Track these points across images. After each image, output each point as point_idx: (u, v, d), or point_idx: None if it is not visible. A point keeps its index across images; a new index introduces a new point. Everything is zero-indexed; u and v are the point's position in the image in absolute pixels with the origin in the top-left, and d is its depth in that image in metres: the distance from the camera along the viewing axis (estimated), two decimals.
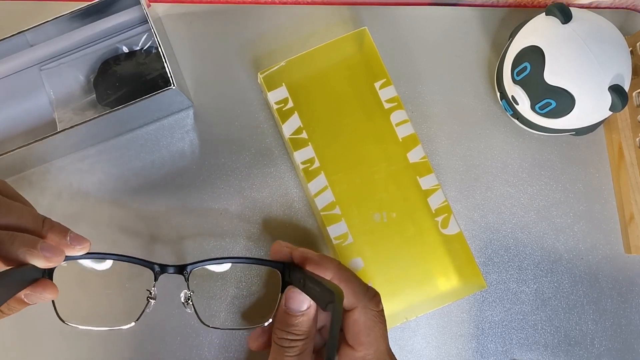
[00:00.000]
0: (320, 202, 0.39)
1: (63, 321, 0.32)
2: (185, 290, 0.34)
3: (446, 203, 0.39)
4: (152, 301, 0.34)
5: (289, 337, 0.31)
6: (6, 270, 0.26)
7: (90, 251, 0.31)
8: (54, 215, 0.41)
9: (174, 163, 0.42)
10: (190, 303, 0.34)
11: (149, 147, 0.42)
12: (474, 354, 0.42)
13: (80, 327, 0.33)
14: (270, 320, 0.34)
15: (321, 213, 0.39)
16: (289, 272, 0.34)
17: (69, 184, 0.42)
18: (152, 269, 0.34)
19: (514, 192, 0.43)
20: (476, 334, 0.42)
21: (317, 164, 0.39)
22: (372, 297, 0.32)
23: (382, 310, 0.32)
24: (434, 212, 0.39)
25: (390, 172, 0.39)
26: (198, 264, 0.34)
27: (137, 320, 0.34)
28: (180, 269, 0.34)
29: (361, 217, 0.39)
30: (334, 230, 0.39)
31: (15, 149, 0.36)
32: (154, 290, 0.34)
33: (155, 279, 0.34)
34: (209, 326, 0.35)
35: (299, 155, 0.39)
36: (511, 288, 0.42)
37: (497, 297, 0.42)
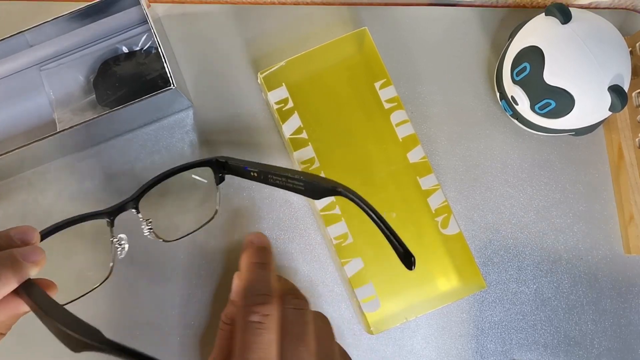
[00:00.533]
0: (320, 202, 0.39)
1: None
2: (142, 223, 0.35)
3: (446, 203, 0.39)
4: (121, 247, 0.35)
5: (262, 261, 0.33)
6: None
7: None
8: (54, 215, 0.41)
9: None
10: (152, 230, 0.36)
11: (149, 147, 0.42)
12: (473, 354, 0.42)
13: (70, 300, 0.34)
14: (217, 209, 0.37)
15: (321, 213, 0.39)
16: (222, 165, 0.36)
17: (69, 184, 0.42)
18: (104, 217, 0.34)
19: (514, 192, 0.43)
20: (476, 334, 0.42)
21: (317, 163, 0.39)
22: (257, 303, 0.28)
23: (269, 321, 0.28)
24: (433, 212, 0.39)
25: (390, 172, 0.39)
26: (139, 195, 0.35)
27: (111, 270, 0.35)
28: (124, 207, 0.35)
29: (361, 217, 0.39)
30: (334, 230, 0.39)
31: (15, 149, 0.36)
32: (117, 237, 0.35)
33: (112, 225, 0.34)
34: (171, 240, 0.37)
35: (299, 155, 0.39)
36: (511, 288, 0.42)
37: (496, 297, 0.42)
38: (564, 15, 0.36)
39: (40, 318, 0.25)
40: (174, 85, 0.37)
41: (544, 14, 0.38)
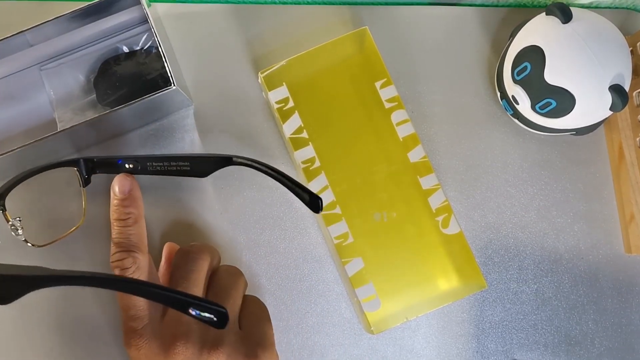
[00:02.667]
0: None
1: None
2: (10, 221, 0.35)
3: (446, 203, 0.39)
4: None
5: (122, 217, 0.35)
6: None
7: None
8: (55, 215, 0.41)
9: None
10: (21, 230, 0.35)
11: (149, 147, 0.42)
12: (474, 353, 0.42)
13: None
14: (83, 218, 0.36)
15: (321, 213, 0.39)
16: (91, 165, 0.35)
17: (70, 184, 0.42)
18: None
19: (514, 191, 0.43)
20: (476, 333, 0.42)
21: (317, 163, 0.39)
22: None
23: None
24: (434, 211, 0.39)
25: (391, 171, 0.39)
26: (4, 192, 0.34)
27: None
28: None
29: (361, 216, 0.39)
30: (334, 230, 0.39)
31: (15, 149, 0.36)
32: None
33: None
34: (41, 245, 0.36)
35: (300, 155, 0.39)
36: (511, 288, 0.42)
37: (497, 297, 0.42)
38: (565, 15, 0.36)
39: None
40: (174, 85, 0.37)
41: (544, 13, 0.38)
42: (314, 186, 0.39)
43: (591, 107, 0.37)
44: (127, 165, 0.35)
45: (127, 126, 0.42)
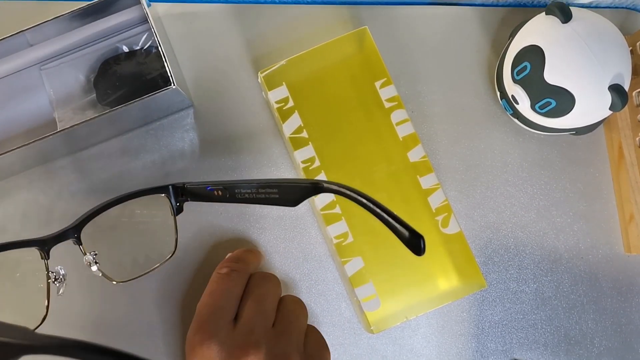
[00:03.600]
0: (320, 201, 0.39)
1: None
2: (85, 255, 0.31)
3: (446, 202, 0.39)
4: (60, 284, 0.31)
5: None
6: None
7: None
8: (55, 215, 0.41)
9: (174, 163, 0.42)
10: (97, 265, 0.31)
11: (149, 147, 0.42)
12: (474, 353, 0.42)
13: None
14: (174, 250, 0.33)
15: (321, 212, 0.39)
16: (180, 191, 0.32)
17: (70, 184, 0.42)
18: (36, 246, 0.30)
19: (514, 191, 0.43)
20: (476, 333, 0.42)
21: (317, 163, 0.39)
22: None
23: None
24: (434, 211, 0.39)
25: (391, 171, 0.39)
26: (80, 224, 0.31)
27: (46, 311, 0.30)
28: (64, 235, 0.30)
29: (361, 216, 0.39)
30: (334, 230, 0.39)
31: (15, 149, 0.36)
32: (53, 270, 0.30)
33: (46, 257, 0.30)
34: (120, 282, 0.33)
35: (300, 155, 0.39)
36: (511, 287, 0.42)
37: (497, 297, 0.42)
38: (565, 15, 0.36)
39: None
40: (174, 85, 0.37)
41: (544, 13, 0.38)
42: None
43: (591, 106, 0.37)
44: (216, 193, 0.32)
45: (127, 126, 0.42)
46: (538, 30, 0.38)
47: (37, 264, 0.30)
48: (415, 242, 0.26)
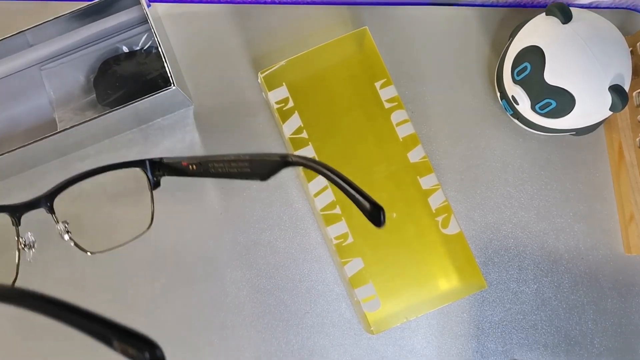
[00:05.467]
0: (321, 202, 0.39)
1: None
2: (58, 225, 0.31)
3: (446, 203, 0.39)
4: (30, 250, 0.31)
5: None
6: None
7: None
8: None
9: None
10: (68, 235, 0.32)
11: (149, 147, 0.42)
12: (474, 354, 0.42)
13: None
14: (150, 223, 0.33)
15: (321, 213, 0.39)
16: (157, 166, 0.32)
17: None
18: (7, 212, 0.30)
19: (514, 192, 0.43)
20: (476, 334, 0.42)
21: None
22: None
23: None
24: (434, 211, 0.39)
25: (391, 171, 0.39)
26: (54, 192, 0.31)
27: (16, 275, 0.31)
28: (36, 203, 0.31)
29: (361, 217, 0.38)
30: (334, 230, 0.39)
31: (15, 149, 0.36)
32: (23, 237, 0.31)
33: (17, 224, 0.30)
34: (95, 252, 0.33)
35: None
36: (511, 288, 0.42)
37: (497, 297, 0.42)
38: (565, 15, 0.36)
39: None
40: (174, 85, 0.37)
41: (544, 13, 0.38)
42: (313, 186, 0.39)
43: (591, 107, 0.37)
44: (190, 166, 0.32)
45: (127, 126, 0.42)
46: (538, 30, 0.38)
47: (9, 231, 0.31)
48: (375, 214, 0.27)
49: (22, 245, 0.31)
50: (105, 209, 0.39)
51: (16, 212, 0.31)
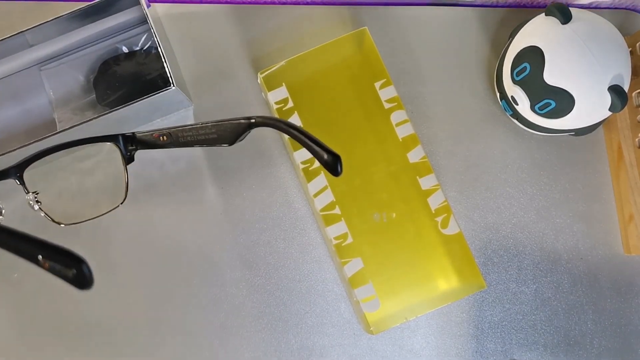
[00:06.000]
0: (320, 202, 0.39)
1: None
2: (27, 195, 0.32)
3: (446, 203, 0.39)
4: None
5: None
6: None
7: None
8: (54, 216, 0.41)
9: (174, 163, 0.42)
10: (38, 205, 0.32)
11: None
12: (473, 354, 0.42)
13: None
14: (124, 198, 0.33)
15: (321, 213, 0.39)
16: (130, 141, 0.33)
17: (69, 184, 0.42)
18: None
19: (514, 192, 0.43)
20: (476, 334, 0.42)
21: (317, 163, 0.39)
22: None
23: None
24: (433, 212, 0.39)
25: (390, 172, 0.39)
26: (24, 163, 0.31)
27: None
28: (6, 173, 0.31)
29: (361, 217, 0.39)
30: (334, 230, 0.39)
31: (15, 149, 0.36)
32: None
33: None
34: (65, 224, 0.34)
35: (299, 155, 0.39)
36: (511, 288, 0.42)
37: (496, 297, 0.42)
38: (564, 16, 0.36)
39: None
40: (174, 85, 0.37)
41: (544, 14, 0.38)
42: (313, 186, 0.39)
43: (590, 107, 0.37)
44: (162, 138, 0.33)
45: (126, 127, 0.42)
46: (538, 31, 0.38)
47: None
48: (332, 163, 0.28)
49: None
50: (81, 186, 0.39)
51: None
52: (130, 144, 0.33)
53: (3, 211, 0.33)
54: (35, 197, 0.32)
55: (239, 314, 0.41)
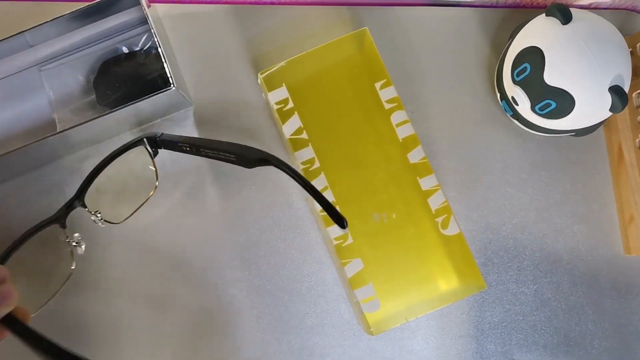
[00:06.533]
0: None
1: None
2: (92, 216, 0.37)
3: (446, 204, 0.39)
4: (79, 247, 0.37)
5: None
6: None
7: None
8: (111, 219, 0.41)
9: (174, 163, 0.42)
10: (102, 219, 0.38)
11: None
12: (473, 354, 0.42)
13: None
14: (156, 183, 0.38)
15: (321, 213, 0.39)
16: (155, 141, 0.38)
17: (70, 184, 0.42)
18: (54, 223, 0.36)
19: (514, 192, 0.43)
20: (476, 334, 0.42)
21: (317, 164, 0.39)
22: None
23: None
24: (434, 212, 0.39)
25: (390, 172, 0.39)
26: (81, 191, 0.37)
27: (72, 270, 0.37)
28: (70, 207, 0.36)
29: (361, 217, 0.39)
30: (334, 231, 0.39)
31: (15, 149, 0.36)
32: (71, 236, 0.36)
33: (64, 227, 0.36)
34: (120, 222, 0.38)
35: (299, 156, 0.39)
36: (511, 289, 0.42)
37: (496, 298, 0.42)
38: (565, 16, 0.36)
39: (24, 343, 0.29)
40: (174, 86, 0.37)
41: (544, 14, 0.38)
42: None
43: (591, 108, 0.37)
44: (184, 147, 0.37)
45: (126, 127, 0.42)
46: (538, 31, 0.38)
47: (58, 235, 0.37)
48: (340, 223, 0.33)
49: (75, 244, 0.37)
50: (116, 186, 0.41)
51: (60, 220, 0.36)
52: (154, 145, 0.38)
53: (83, 246, 0.38)
54: (99, 216, 0.38)
55: (239, 315, 0.41)
